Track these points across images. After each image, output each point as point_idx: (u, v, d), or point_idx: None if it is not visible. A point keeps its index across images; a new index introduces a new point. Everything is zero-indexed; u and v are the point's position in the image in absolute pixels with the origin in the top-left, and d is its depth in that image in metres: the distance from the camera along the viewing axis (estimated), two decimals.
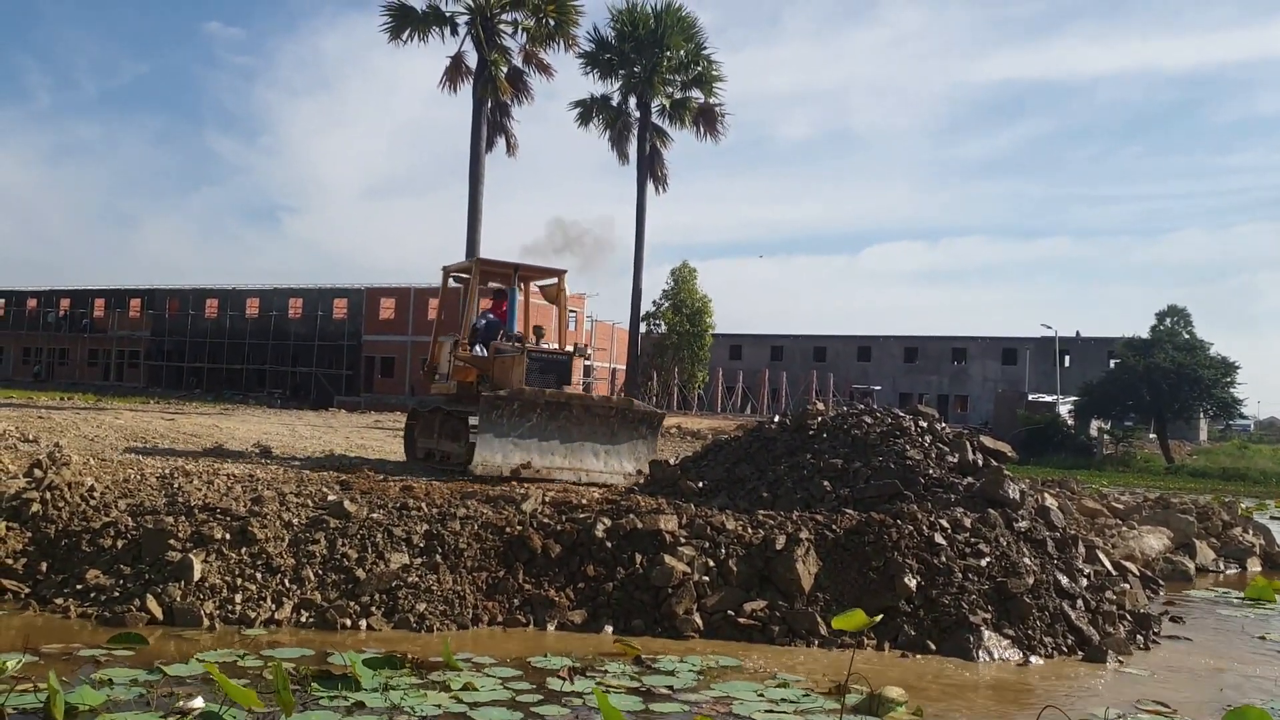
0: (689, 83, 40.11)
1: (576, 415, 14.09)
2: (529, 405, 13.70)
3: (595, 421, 14.19)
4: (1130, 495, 21.57)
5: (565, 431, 13.95)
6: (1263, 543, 16.71)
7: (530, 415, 13.75)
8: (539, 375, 14.50)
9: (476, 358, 15.52)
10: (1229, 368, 49.55)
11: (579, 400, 14.26)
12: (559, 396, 13.99)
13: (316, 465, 14.85)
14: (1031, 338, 73.68)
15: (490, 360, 15.31)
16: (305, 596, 8.81)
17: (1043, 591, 9.39)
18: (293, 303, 64.84)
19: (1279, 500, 32.55)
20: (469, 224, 33.35)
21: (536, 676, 7.35)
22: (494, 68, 32.88)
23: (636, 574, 9.42)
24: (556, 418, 13.92)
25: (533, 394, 13.77)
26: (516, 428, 13.63)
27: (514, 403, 13.60)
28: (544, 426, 13.80)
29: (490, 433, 13.47)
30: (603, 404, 14.55)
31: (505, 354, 15.04)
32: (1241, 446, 63.47)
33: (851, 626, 7.04)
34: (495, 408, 13.53)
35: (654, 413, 14.99)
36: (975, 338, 78.24)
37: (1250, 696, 7.65)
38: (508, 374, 14.67)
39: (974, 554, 9.56)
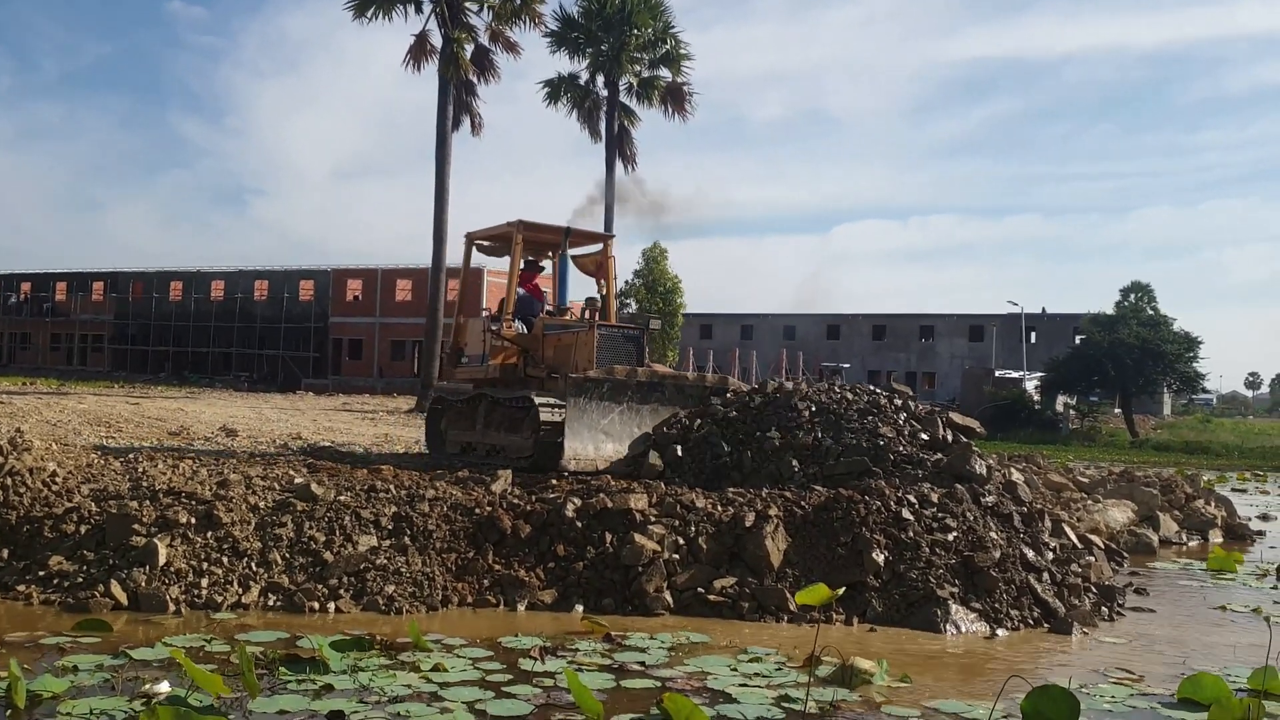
0: (657, 61, 39.98)
1: (670, 398, 12.58)
2: (620, 388, 12.17)
3: (689, 404, 12.61)
4: (1095, 469, 21.81)
5: (658, 416, 12.42)
6: (1224, 514, 16.93)
7: (621, 399, 12.20)
8: (609, 353, 12.88)
9: (525, 336, 13.96)
10: (1192, 343, 50.15)
11: (673, 381, 12.81)
12: (652, 376, 12.57)
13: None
14: (998, 315, 74.22)
15: (541, 338, 13.72)
16: (272, 580, 8.75)
17: (1009, 565, 9.47)
18: (258, 285, 64.37)
19: (1240, 473, 33.02)
20: (436, 205, 33.17)
21: (507, 656, 7.34)
22: (459, 46, 32.62)
23: (607, 553, 9.41)
24: (648, 400, 12.41)
25: (625, 374, 12.25)
26: (606, 414, 12.11)
27: (604, 385, 12.06)
28: (636, 412, 12.30)
29: (580, 421, 11.92)
30: (697, 384, 12.99)
31: (569, 329, 13.53)
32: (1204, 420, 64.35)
33: (816, 601, 7.06)
34: (584, 392, 11.95)
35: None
36: (942, 315, 78.77)
37: (1209, 664, 7.75)
38: (568, 354, 13.11)
39: (941, 529, 9.63)
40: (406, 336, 56.59)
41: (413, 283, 57.01)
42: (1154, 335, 49.42)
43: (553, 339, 13.55)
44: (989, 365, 66.25)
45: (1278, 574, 12.62)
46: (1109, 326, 51.44)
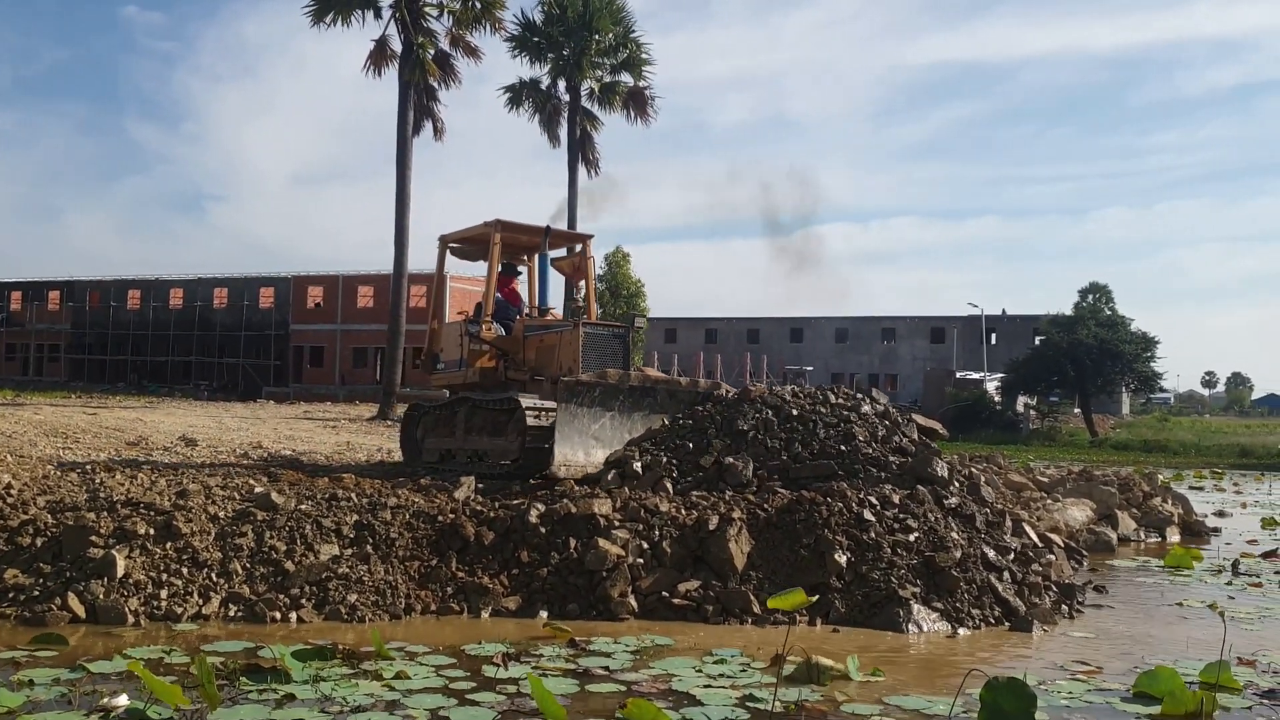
0: (618, 66, 40.04)
1: (661, 403, 12.21)
2: (611, 392, 11.83)
3: (681, 409, 12.10)
4: (1055, 469, 22.03)
5: (650, 422, 11.96)
6: (1181, 512, 17.16)
7: (612, 404, 11.83)
8: (595, 353, 12.57)
9: (505, 339, 13.66)
10: (1149, 342, 50.83)
11: (665, 385, 12.43)
12: (645, 381, 12.25)
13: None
14: (959, 316, 74.86)
15: (522, 340, 13.39)
16: (233, 590, 8.68)
17: (970, 565, 9.55)
18: (218, 293, 63.86)
19: (1198, 471, 33.47)
20: (397, 210, 33.03)
21: (470, 663, 7.31)
22: (419, 51, 32.51)
23: (571, 558, 9.40)
24: (640, 405, 12.08)
25: (618, 379, 11.93)
26: (597, 419, 11.73)
27: (596, 390, 11.74)
28: (628, 417, 11.94)
29: (571, 426, 11.56)
30: (690, 389, 12.57)
31: (551, 330, 13.16)
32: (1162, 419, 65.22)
33: (789, 606, 7.10)
34: (575, 395, 11.62)
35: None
36: (904, 317, 79.32)
37: (1165, 659, 7.86)
38: (551, 355, 12.81)
39: (902, 529, 9.69)
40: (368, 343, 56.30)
41: (374, 289, 56.71)
42: (1112, 336, 50.03)
43: (534, 340, 13.28)
44: (950, 367, 66.82)
45: (1233, 570, 12.81)
46: (1068, 327, 52.02)
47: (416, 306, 52.58)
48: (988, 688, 6.32)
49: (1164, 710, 6.58)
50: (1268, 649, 8.40)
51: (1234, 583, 12.02)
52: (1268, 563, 13.56)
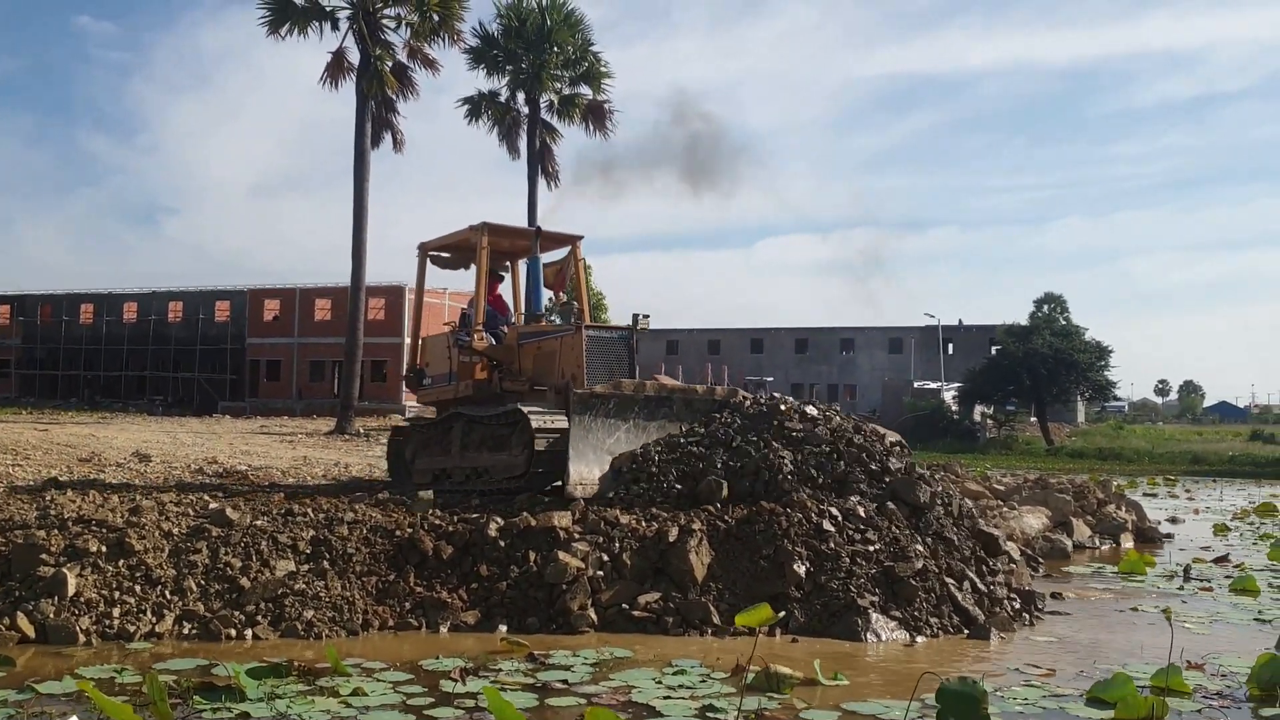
0: (577, 79, 40.04)
1: (678, 412, 11.47)
2: (626, 403, 11.10)
3: (697, 419, 11.47)
4: (1012, 477, 22.23)
5: (665, 433, 11.23)
6: (1135, 518, 17.39)
7: (627, 415, 11.11)
8: (599, 358, 11.77)
9: (498, 348, 12.88)
10: (1103, 351, 51.48)
11: (681, 394, 11.68)
12: (660, 390, 11.50)
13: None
14: (916, 327, 75.44)
15: (516, 349, 12.62)
16: (187, 608, 8.57)
17: (930, 575, 9.58)
18: (172, 306, 63.17)
19: (1151, 478, 33.93)
20: (355, 222, 32.84)
21: (429, 679, 7.27)
22: (377, 63, 32.38)
23: (530, 572, 9.36)
24: (655, 416, 11.31)
25: (633, 388, 11.24)
26: (611, 432, 11.02)
27: (610, 401, 11.01)
28: (643, 429, 11.19)
29: (585, 442, 10.82)
30: (706, 397, 11.82)
31: (549, 335, 12.41)
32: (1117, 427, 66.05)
33: (755, 623, 7.13)
34: (589, 408, 10.89)
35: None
36: (862, 328, 79.84)
37: (1118, 664, 7.95)
38: (551, 362, 12.07)
39: (863, 540, 9.70)
40: (326, 357, 55.87)
41: (332, 302, 56.30)
42: (1067, 345, 50.62)
43: (530, 348, 12.53)
44: (908, 377, 67.37)
45: (1185, 575, 12.98)
46: (1023, 337, 52.56)
47: (375, 319, 52.31)
48: (942, 690, 6.43)
49: (1117, 715, 6.67)
50: (1217, 652, 8.53)
51: (1186, 588, 12.18)
52: (1219, 568, 13.76)
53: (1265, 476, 36.98)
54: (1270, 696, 7.16)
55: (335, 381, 50.33)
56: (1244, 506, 23.65)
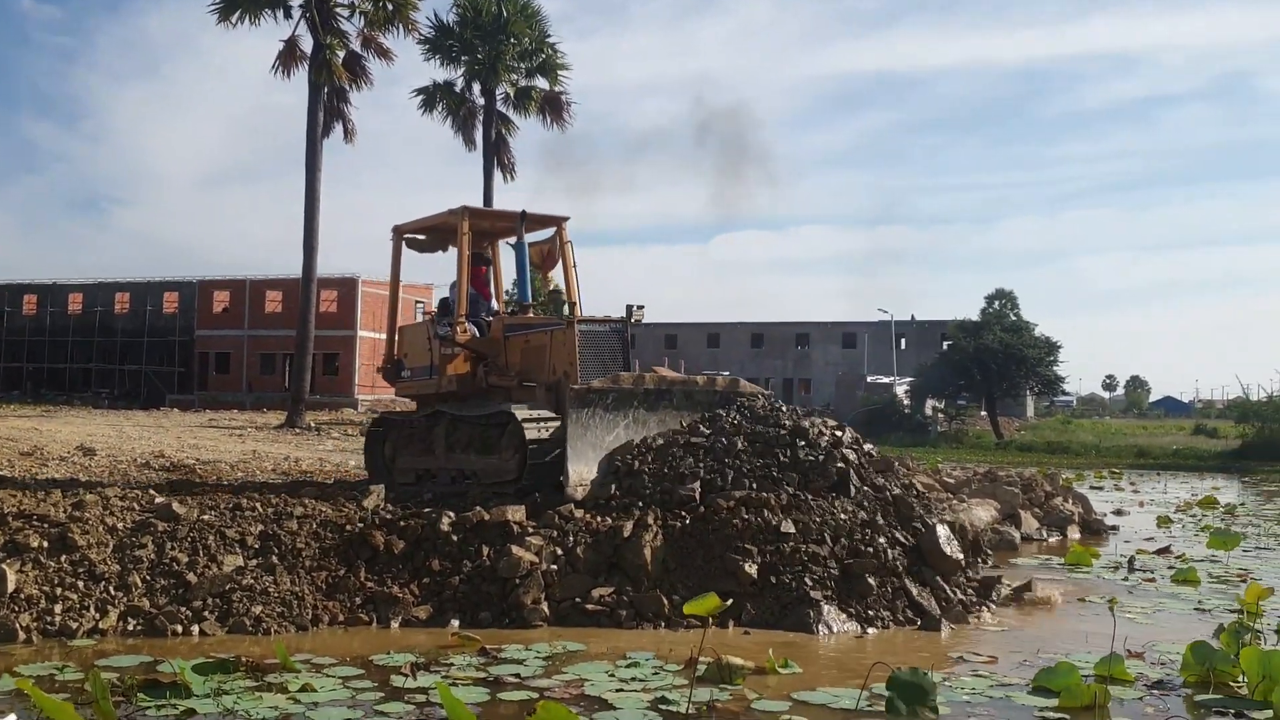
0: (534, 70, 39.85)
1: (678, 405, 11.07)
2: (625, 397, 10.69)
3: (698, 411, 11.09)
4: (962, 470, 22.47)
5: (665, 428, 10.87)
6: (1081, 511, 17.63)
7: (626, 410, 10.71)
8: (594, 353, 11.22)
9: (482, 341, 12.23)
10: (1052, 347, 52.12)
11: (681, 386, 11.24)
12: (660, 382, 11.06)
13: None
14: (870, 322, 75.99)
15: (503, 341, 12.04)
16: (132, 604, 8.45)
17: (885, 569, 9.54)
18: (119, 297, 62.19)
19: (1098, 471, 34.44)
20: (306, 213, 32.50)
21: (379, 674, 7.21)
22: (329, 52, 32.03)
23: (483, 566, 9.32)
24: (655, 410, 10.93)
25: (632, 381, 10.84)
26: (610, 429, 10.59)
27: (609, 396, 10.61)
28: (643, 424, 10.79)
29: (584, 440, 10.37)
30: (707, 389, 11.41)
31: (538, 328, 11.95)
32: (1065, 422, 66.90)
33: (704, 611, 7.15)
34: (587, 404, 10.45)
35: (761, 394, 11.94)
36: (817, 323, 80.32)
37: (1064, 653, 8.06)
38: (541, 357, 11.51)
39: (817, 541, 9.55)
40: (277, 349, 55.27)
41: (283, 294, 55.70)
42: (1016, 340, 51.20)
43: (518, 341, 11.96)
44: (861, 371, 67.90)
45: (1129, 566, 13.19)
46: (974, 333, 53.10)
47: (326, 312, 51.83)
48: (891, 680, 6.54)
49: (1061, 703, 6.77)
50: (1158, 641, 8.67)
51: (1130, 579, 12.38)
52: (1161, 559, 14.00)
53: (1207, 469, 37.68)
54: (1204, 682, 7.30)
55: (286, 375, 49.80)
56: (1186, 499, 24.07)
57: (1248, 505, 23.48)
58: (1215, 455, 41.55)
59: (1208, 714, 6.76)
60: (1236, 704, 6.91)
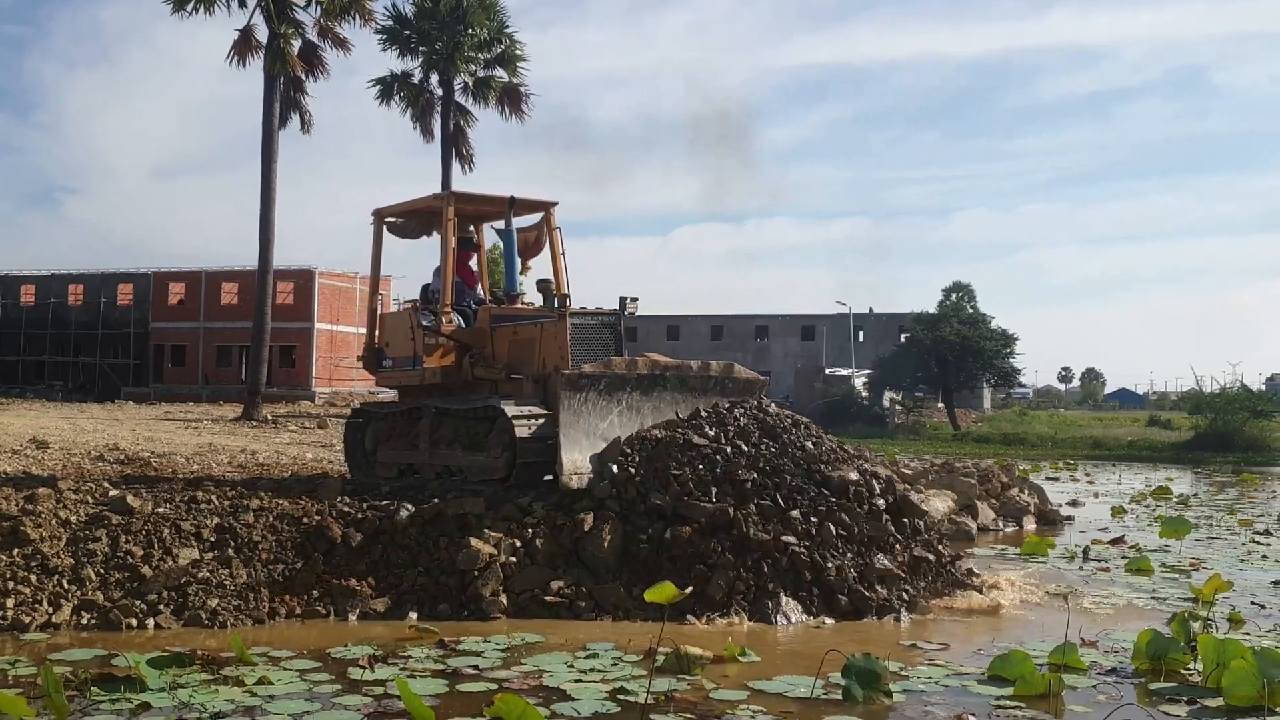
0: (492, 61, 39.62)
1: (672, 392, 10.86)
2: (617, 383, 10.42)
3: (695, 398, 10.91)
4: (919, 461, 22.64)
5: (660, 415, 10.65)
6: (1037, 501, 17.83)
7: (620, 397, 10.44)
8: (584, 348, 10.94)
9: (468, 331, 11.86)
10: (1008, 339, 52.55)
11: (675, 371, 10.93)
12: (654, 367, 10.78)
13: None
14: (828, 315, 76.37)
15: (490, 333, 11.69)
16: (86, 597, 8.36)
17: (846, 562, 9.54)
18: (73, 289, 61.25)
19: (1054, 462, 34.82)
20: (262, 204, 32.19)
21: (336, 667, 7.18)
22: (284, 42, 31.70)
23: (441, 558, 9.30)
24: (650, 396, 10.67)
25: (624, 365, 10.56)
26: (604, 415, 10.32)
27: (602, 382, 10.31)
28: (637, 410, 10.54)
29: (576, 427, 10.09)
30: (701, 374, 11.09)
31: (527, 320, 11.56)
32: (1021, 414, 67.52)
33: (663, 599, 7.18)
34: (579, 390, 10.18)
35: (757, 380, 11.68)
36: (776, 315, 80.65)
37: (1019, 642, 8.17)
38: (531, 350, 11.14)
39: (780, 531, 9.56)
40: (233, 342, 54.69)
41: (239, 286, 55.08)
42: (973, 333, 51.59)
43: (506, 333, 11.61)
44: (820, 364, 68.17)
45: (1084, 556, 13.37)
46: (932, 325, 53.45)
47: (283, 304, 51.32)
48: (847, 667, 6.61)
49: (1016, 692, 6.86)
50: (1113, 630, 8.80)
51: (1085, 568, 12.55)
52: (1116, 549, 14.19)
53: (1161, 460, 38.18)
54: (1157, 670, 7.43)
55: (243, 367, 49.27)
56: (1141, 490, 24.41)
57: (1200, 495, 23.85)
58: (1169, 446, 42.06)
59: (1160, 701, 6.88)
60: (1189, 692, 7.03)
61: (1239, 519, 18.16)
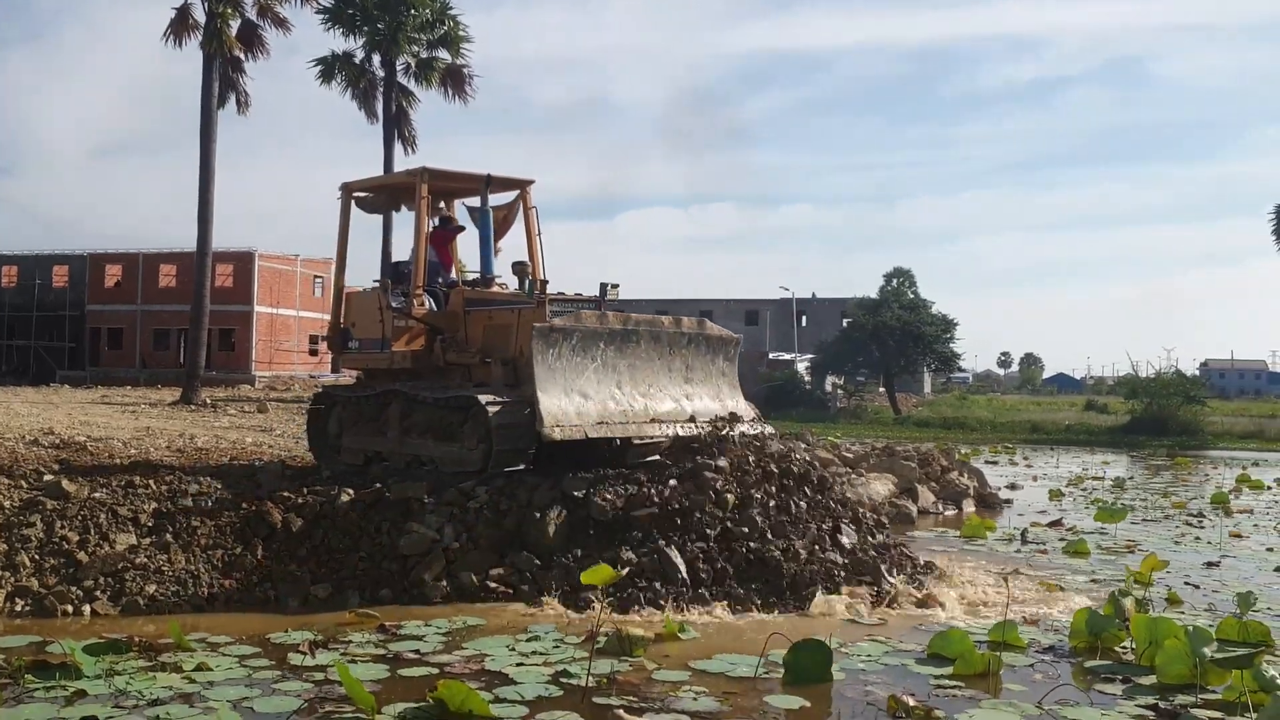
0: (435, 42, 39.19)
1: (646, 348, 10.72)
2: (591, 337, 10.24)
3: (668, 354, 10.86)
4: (861, 445, 22.86)
5: (636, 371, 10.62)
6: (976, 484, 18.10)
7: (594, 352, 10.27)
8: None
9: (440, 315, 11.47)
10: (948, 324, 53.19)
11: (648, 327, 10.81)
12: (626, 321, 10.64)
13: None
14: (772, 300, 76.79)
15: (463, 317, 11.31)
16: (20, 584, 8.22)
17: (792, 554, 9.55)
18: (6, 271, 59.93)
19: (993, 446, 35.34)
20: (201, 184, 31.59)
21: (276, 653, 7.13)
22: (222, 21, 31.11)
23: (384, 543, 9.25)
24: (624, 353, 10.53)
25: (596, 320, 10.33)
26: (580, 372, 10.17)
27: (574, 335, 10.10)
28: (613, 366, 10.41)
29: (553, 381, 9.91)
30: (673, 329, 11.00)
31: (503, 305, 11.24)
32: (961, 398, 68.48)
33: (599, 581, 7.23)
34: (553, 344, 9.96)
35: (729, 337, 11.61)
36: (720, 300, 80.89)
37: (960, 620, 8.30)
38: (507, 336, 10.83)
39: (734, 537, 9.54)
40: (171, 325, 53.78)
41: (177, 268, 54.14)
42: (914, 318, 52.16)
43: (480, 318, 11.23)
44: (763, 348, 68.54)
45: (1022, 538, 13.61)
46: (873, 310, 53.96)
47: (222, 286, 50.56)
48: (791, 649, 6.67)
49: (956, 671, 6.97)
50: (1049, 611, 8.96)
51: (1023, 551, 12.77)
52: (1053, 531, 14.46)
53: (1098, 444, 38.89)
54: (1093, 649, 7.59)
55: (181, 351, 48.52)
56: (1078, 473, 24.87)
57: (1135, 479, 24.35)
58: (1105, 431, 42.84)
59: (1095, 680, 7.02)
60: (1123, 670, 7.19)
61: (1173, 502, 18.57)
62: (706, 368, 11.25)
